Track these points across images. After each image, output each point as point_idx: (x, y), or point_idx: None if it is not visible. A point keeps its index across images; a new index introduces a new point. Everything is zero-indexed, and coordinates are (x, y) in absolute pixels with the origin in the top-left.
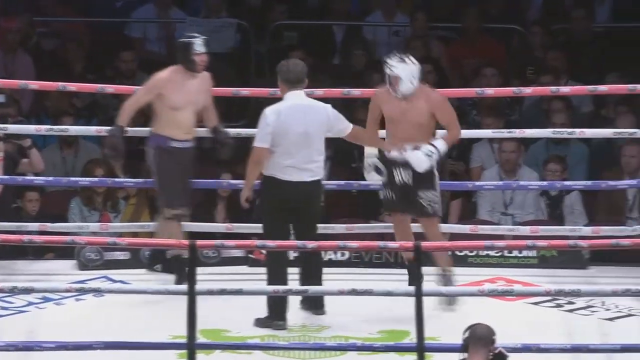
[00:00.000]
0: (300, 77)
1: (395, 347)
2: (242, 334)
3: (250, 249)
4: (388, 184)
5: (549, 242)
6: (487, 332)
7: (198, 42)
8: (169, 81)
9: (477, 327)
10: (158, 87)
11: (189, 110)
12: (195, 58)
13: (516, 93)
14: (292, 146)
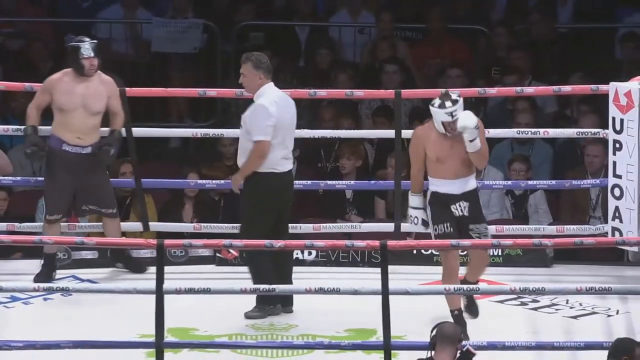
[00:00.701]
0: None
1: (362, 345)
2: (210, 333)
3: (218, 248)
4: (441, 220)
5: (513, 240)
6: (454, 330)
7: (86, 46)
8: (59, 83)
9: (445, 325)
10: (49, 87)
11: (79, 114)
12: (83, 62)
13: (481, 93)
14: (287, 136)
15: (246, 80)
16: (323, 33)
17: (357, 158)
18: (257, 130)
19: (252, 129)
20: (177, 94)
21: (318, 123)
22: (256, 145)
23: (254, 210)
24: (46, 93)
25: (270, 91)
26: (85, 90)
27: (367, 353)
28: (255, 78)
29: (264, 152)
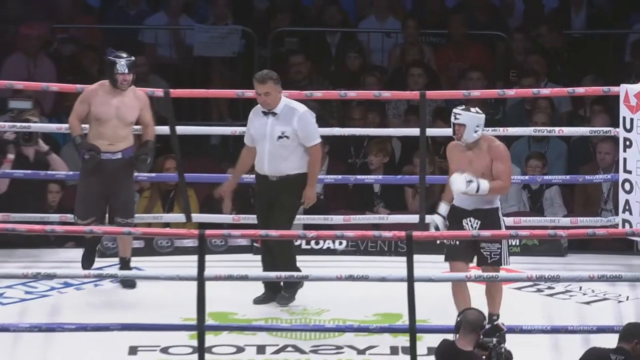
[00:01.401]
0: None
1: (389, 328)
2: (248, 317)
3: (255, 237)
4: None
5: (530, 231)
6: (477, 318)
7: (122, 62)
8: (95, 94)
9: (469, 312)
10: (87, 98)
11: (113, 124)
12: (117, 77)
13: (500, 94)
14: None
15: (271, 98)
16: (353, 38)
17: (384, 155)
18: (313, 135)
19: (308, 135)
20: (217, 95)
21: (348, 122)
22: (316, 148)
23: (296, 206)
24: (85, 103)
25: (291, 100)
26: (119, 102)
27: (394, 336)
28: (278, 94)
29: (321, 152)
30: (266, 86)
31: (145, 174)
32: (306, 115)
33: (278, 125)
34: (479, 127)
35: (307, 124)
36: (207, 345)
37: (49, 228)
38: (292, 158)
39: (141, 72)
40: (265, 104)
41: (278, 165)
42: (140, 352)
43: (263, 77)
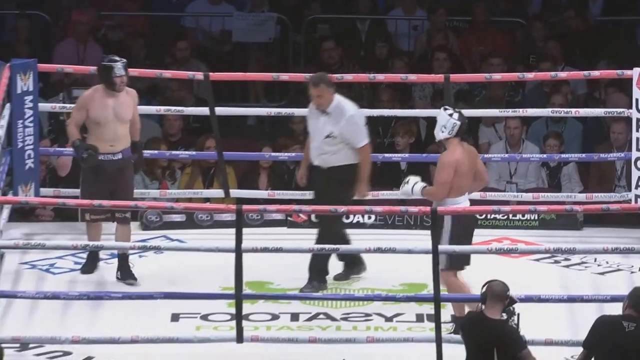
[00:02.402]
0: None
1: (414, 297)
2: (283, 286)
3: (289, 212)
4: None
5: (548, 207)
6: (502, 288)
7: (118, 65)
8: (92, 99)
9: (494, 283)
10: (84, 104)
11: (112, 124)
12: (115, 80)
13: (520, 78)
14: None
15: (324, 99)
16: (381, 26)
17: (410, 136)
18: (361, 136)
19: (354, 137)
20: (254, 78)
21: (376, 103)
22: (364, 148)
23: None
24: (82, 110)
25: (342, 100)
26: (115, 102)
27: (419, 304)
28: (330, 95)
29: (370, 151)
30: (319, 89)
31: (187, 152)
32: (353, 118)
33: (327, 125)
34: (445, 128)
35: (353, 126)
36: (245, 313)
37: (96, 202)
38: (340, 154)
39: (183, 57)
40: (318, 105)
41: (326, 159)
42: (181, 319)
43: (316, 81)
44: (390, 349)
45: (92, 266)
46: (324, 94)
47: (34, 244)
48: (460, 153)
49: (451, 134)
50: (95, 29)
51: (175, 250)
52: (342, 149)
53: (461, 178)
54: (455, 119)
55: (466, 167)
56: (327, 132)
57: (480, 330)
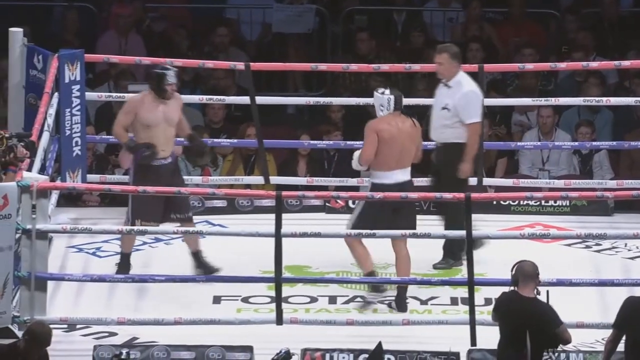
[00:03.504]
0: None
1: (449, 281)
2: (321, 270)
3: (327, 198)
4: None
5: (579, 193)
6: (533, 268)
7: (171, 73)
8: (142, 103)
9: (524, 264)
10: (133, 108)
11: (162, 128)
12: (167, 88)
13: (553, 67)
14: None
15: (443, 68)
16: (417, 18)
17: None
18: (471, 114)
19: (465, 113)
20: (293, 68)
21: (412, 93)
22: (473, 126)
23: (455, 175)
24: (130, 114)
25: (466, 78)
26: (164, 107)
27: (454, 288)
28: (451, 67)
29: (480, 131)
30: (441, 57)
31: (228, 140)
32: (468, 94)
33: (445, 97)
34: (383, 107)
35: (467, 102)
36: (284, 296)
37: (141, 189)
38: (454, 130)
39: (222, 43)
40: (439, 72)
41: (439, 133)
42: (223, 302)
43: (441, 48)
44: (424, 330)
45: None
46: (445, 63)
47: (81, 229)
48: (383, 123)
49: (389, 109)
50: (139, 20)
51: (217, 235)
52: (454, 125)
53: (381, 148)
54: (389, 94)
55: (389, 138)
56: (442, 104)
57: (515, 309)
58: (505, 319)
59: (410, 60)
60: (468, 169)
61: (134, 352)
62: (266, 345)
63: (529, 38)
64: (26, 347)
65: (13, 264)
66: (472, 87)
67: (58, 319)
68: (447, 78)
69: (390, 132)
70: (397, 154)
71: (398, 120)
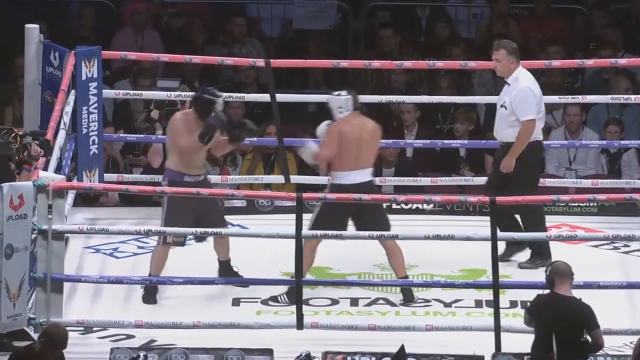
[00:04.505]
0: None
1: (473, 284)
2: (342, 272)
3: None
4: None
5: (607, 195)
6: (567, 267)
7: (220, 101)
8: (184, 123)
9: (558, 264)
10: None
11: (203, 151)
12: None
13: (580, 64)
14: (542, 109)
15: (501, 65)
16: (442, 12)
17: (469, 123)
18: (525, 111)
19: (520, 110)
20: (314, 65)
21: (436, 90)
22: (526, 124)
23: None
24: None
25: (525, 74)
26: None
27: (478, 291)
28: (509, 63)
29: (532, 129)
30: (498, 53)
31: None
32: (524, 90)
33: (504, 95)
34: (341, 108)
35: (522, 98)
36: (305, 298)
37: (159, 189)
38: (512, 128)
39: (240, 33)
40: (496, 69)
41: (502, 131)
42: (242, 304)
43: (497, 44)
44: (448, 333)
45: (153, 297)
46: (502, 60)
47: (98, 229)
48: (346, 124)
49: (348, 109)
50: (157, 16)
51: (236, 235)
52: (516, 124)
53: (344, 149)
54: (346, 95)
55: (349, 139)
56: (502, 102)
57: (554, 309)
58: (542, 321)
59: (434, 57)
60: (511, 163)
61: (151, 355)
62: (286, 348)
63: (554, 34)
64: (42, 350)
65: (29, 265)
66: (528, 84)
67: (74, 321)
68: (505, 75)
69: (352, 133)
70: (356, 154)
71: (359, 120)
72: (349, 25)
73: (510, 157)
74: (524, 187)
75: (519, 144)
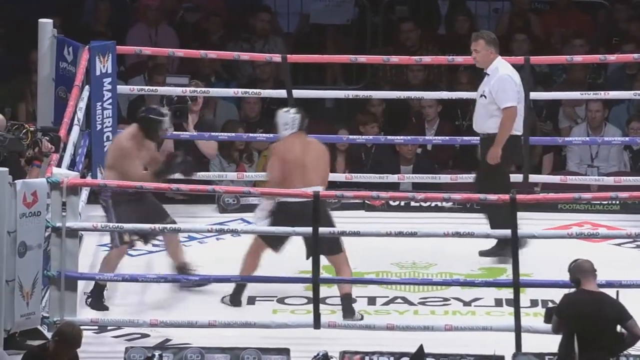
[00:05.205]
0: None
1: (493, 283)
2: (360, 270)
3: (366, 198)
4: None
5: (630, 193)
6: (589, 263)
7: (166, 119)
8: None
9: (580, 262)
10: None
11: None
12: (160, 133)
13: (602, 60)
14: (522, 100)
15: (480, 56)
16: (462, 6)
17: None
18: (506, 98)
19: (500, 98)
20: (331, 60)
21: (455, 86)
22: (507, 111)
23: (499, 167)
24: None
25: (504, 64)
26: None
27: (498, 289)
28: (488, 54)
29: (514, 116)
30: (477, 44)
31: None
32: (503, 77)
33: (484, 85)
34: (287, 125)
35: (501, 86)
36: (321, 296)
37: (174, 186)
38: (493, 118)
39: (263, 28)
40: (475, 60)
41: (481, 123)
42: (258, 302)
43: (476, 35)
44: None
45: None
46: (481, 50)
47: (112, 226)
48: (287, 145)
49: (293, 128)
50: (172, 11)
51: (253, 233)
52: (497, 114)
53: (285, 168)
54: (294, 113)
55: (292, 158)
56: (481, 92)
57: (587, 304)
58: (572, 319)
59: (453, 52)
60: (497, 153)
61: (166, 354)
62: (303, 348)
63: (576, 29)
64: (56, 349)
65: (42, 263)
66: (508, 72)
67: (89, 320)
68: (485, 66)
69: (294, 154)
70: (302, 172)
71: (302, 139)
72: (367, 20)
73: (495, 147)
74: (493, 181)
75: (503, 133)
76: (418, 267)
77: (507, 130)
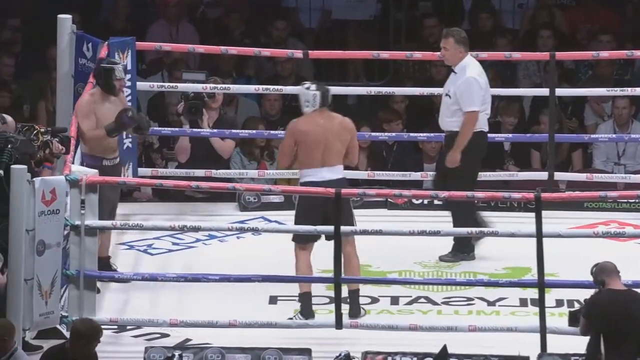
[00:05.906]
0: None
1: (518, 283)
2: (382, 269)
3: (388, 196)
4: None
5: None
6: (612, 264)
7: (119, 68)
8: (94, 103)
9: (603, 264)
10: (90, 110)
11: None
12: (116, 83)
13: (629, 56)
14: (487, 98)
15: (448, 54)
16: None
17: (514, 117)
18: (469, 102)
19: (463, 101)
20: (354, 56)
21: None
22: (469, 115)
23: (466, 165)
24: (91, 115)
25: (472, 63)
26: (116, 106)
27: (523, 289)
28: (457, 52)
29: (474, 120)
30: (446, 41)
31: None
32: (469, 80)
33: (450, 84)
34: (308, 102)
35: (466, 88)
36: (344, 296)
37: (194, 184)
38: (456, 117)
39: (279, 36)
40: (444, 58)
41: (445, 121)
42: (279, 302)
43: (446, 32)
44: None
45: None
46: (450, 48)
47: (132, 225)
48: (305, 123)
49: (315, 105)
50: (193, 7)
51: (274, 232)
52: (458, 112)
53: (305, 147)
54: (314, 90)
55: (312, 137)
56: (447, 91)
57: (611, 304)
58: (601, 319)
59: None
60: (456, 158)
61: (186, 354)
62: (325, 348)
63: (603, 24)
64: (73, 346)
65: (61, 262)
66: (475, 74)
67: (108, 320)
68: (453, 64)
69: (313, 133)
70: (322, 152)
71: (323, 117)
72: (390, 16)
73: (455, 151)
74: (461, 179)
75: (463, 136)
76: (441, 266)
77: (467, 134)
